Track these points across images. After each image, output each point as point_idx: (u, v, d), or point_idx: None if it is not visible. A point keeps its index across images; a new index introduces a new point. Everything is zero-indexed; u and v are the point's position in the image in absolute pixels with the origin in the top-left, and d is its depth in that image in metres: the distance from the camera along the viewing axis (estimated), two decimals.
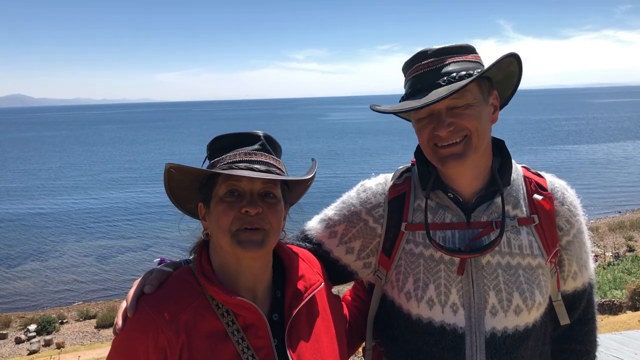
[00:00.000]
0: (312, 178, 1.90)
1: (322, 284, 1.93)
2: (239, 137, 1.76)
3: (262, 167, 1.70)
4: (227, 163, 1.69)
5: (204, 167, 1.78)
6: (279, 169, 1.76)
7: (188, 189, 1.81)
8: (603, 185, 48.63)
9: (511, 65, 1.89)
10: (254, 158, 1.71)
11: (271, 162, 1.74)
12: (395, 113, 2.11)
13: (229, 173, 1.63)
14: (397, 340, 2.04)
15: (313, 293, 1.85)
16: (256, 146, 1.75)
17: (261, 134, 1.78)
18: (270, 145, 1.79)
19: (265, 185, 1.71)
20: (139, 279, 1.74)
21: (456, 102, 1.80)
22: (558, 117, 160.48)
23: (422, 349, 1.93)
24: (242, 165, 1.68)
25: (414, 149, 2.06)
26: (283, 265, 1.87)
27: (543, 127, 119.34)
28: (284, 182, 1.80)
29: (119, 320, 1.65)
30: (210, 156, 1.78)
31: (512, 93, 2.03)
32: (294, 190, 1.93)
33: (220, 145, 1.76)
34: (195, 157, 1.87)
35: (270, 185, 1.72)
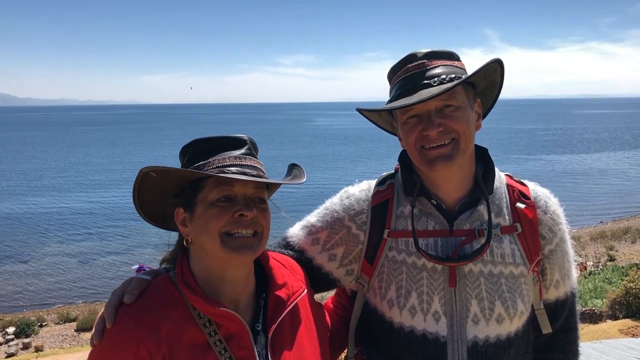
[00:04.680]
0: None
1: (305, 291, 1.91)
2: (224, 141, 1.71)
3: (254, 172, 1.67)
4: (218, 167, 1.65)
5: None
6: (264, 172, 1.74)
7: (163, 193, 1.74)
8: (584, 195, 49.12)
9: (495, 73, 1.91)
10: (244, 162, 1.68)
11: (258, 166, 1.72)
12: (376, 122, 2.11)
13: (230, 177, 1.59)
14: (379, 348, 2.02)
15: (296, 301, 1.83)
16: (243, 150, 1.71)
17: (247, 138, 1.75)
18: (254, 150, 1.77)
19: (256, 190, 1.69)
20: (118, 288, 1.69)
21: (446, 102, 1.80)
22: (537, 127, 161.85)
23: (404, 357, 1.92)
24: (233, 169, 1.64)
25: (391, 156, 2.05)
26: (265, 273, 1.84)
27: (521, 137, 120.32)
28: (266, 185, 1.77)
29: (97, 332, 1.59)
30: (191, 159, 1.71)
31: (492, 104, 2.06)
32: (271, 191, 1.91)
33: (203, 148, 1.71)
34: (176, 160, 1.82)
35: (261, 190, 1.70)
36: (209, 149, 1.70)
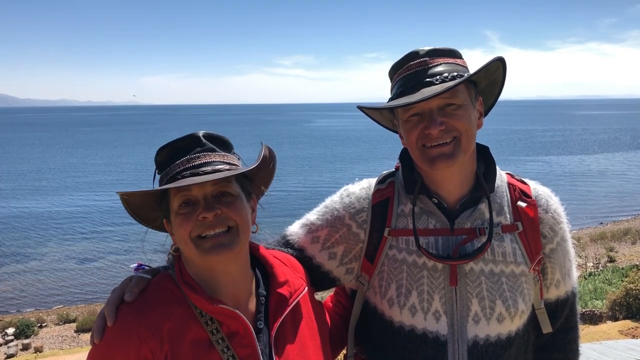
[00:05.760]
0: (267, 163, 1.83)
1: (306, 289, 1.89)
2: (178, 144, 1.70)
3: (208, 169, 1.64)
4: (172, 175, 1.65)
5: (156, 180, 1.74)
6: (228, 163, 1.69)
7: (149, 208, 1.77)
8: (583, 196, 49.13)
9: (497, 72, 1.91)
10: (197, 162, 1.65)
11: (217, 159, 1.68)
12: (377, 120, 2.11)
13: (168, 187, 1.59)
14: (378, 347, 2.02)
15: (297, 299, 1.82)
16: (197, 148, 1.69)
17: (200, 134, 1.71)
18: (213, 142, 1.72)
19: (217, 186, 1.64)
20: (118, 286, 1.69)
21: (448, 101, 1.79)
22: (536, 128, 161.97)
23: (404, 356, 1.91)
24: (187, 173, 1.63)
25: (389, 157, 2.04)
26: (265, 271, 1.83)
27: (519, 138, 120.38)
28: (242, 174, 1.73)
29: (97, 330, 1.57)
30: (158, 169, 1.73)
31: (493, 102, 2.05)
32: (256, 178, 1.86)
33: (165, 157, 1.71)
34: None
35: (223, 184, 1.65)
36: (170, 156, 1.70)
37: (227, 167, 1.68)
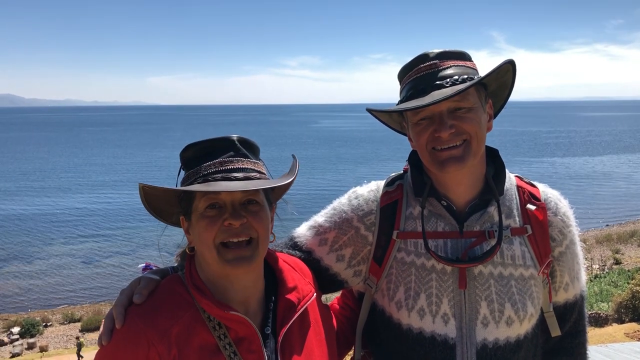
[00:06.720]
0: (295, 176, 1.83)
1: (315, 295, 1.88)
2: (211, 144, 1.68)
3: (240, 175, 1.62)
4: (203, 176, 1.63)
5: (180, 177, 1.73)
6: (258, 171, 1.69)
7: (167, 203, 1.75)
8: (589, 198, 49.03)
9: (507, 74, 1.90)
10: (230, 166, 1.63)
11: (249, 166, 1.67)
12: (385, 122, 2.10)
13: (202, 190, 1.56)
14: (386, 350, 2.01)
15: (306, 305, 1.80)
16: (231, 152, 1.67)
17: (235, 138, 1.70)
18: (246, 148, 1.71)
19: (246, 194, 1.63)
20: (126, 288, 1.68)
21: (459, 104, 1.79)
22: (541, 129, 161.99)
23: (413, 359, 1.90)
24: (218, 176, 1.61)
25: (392, 158, 2.03)
26: (274, 275, 1.82)
27: (524, 139, 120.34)
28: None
29: (105, 332, 1.57)
30: (184, 166, 1.71)
31: (502, 105, 2.04)
32: (276, 189, 1.85)
33: (194, 155, 1.69)
34: (179, 161, 1.83)
35: (252, 191, 1.64)
36: (200, 154, 1.68)
37: (258, 175, 1.67)
